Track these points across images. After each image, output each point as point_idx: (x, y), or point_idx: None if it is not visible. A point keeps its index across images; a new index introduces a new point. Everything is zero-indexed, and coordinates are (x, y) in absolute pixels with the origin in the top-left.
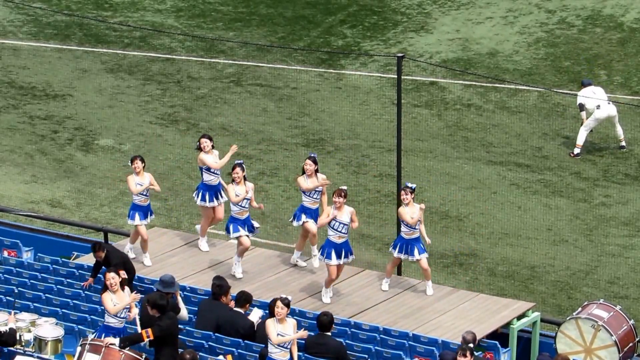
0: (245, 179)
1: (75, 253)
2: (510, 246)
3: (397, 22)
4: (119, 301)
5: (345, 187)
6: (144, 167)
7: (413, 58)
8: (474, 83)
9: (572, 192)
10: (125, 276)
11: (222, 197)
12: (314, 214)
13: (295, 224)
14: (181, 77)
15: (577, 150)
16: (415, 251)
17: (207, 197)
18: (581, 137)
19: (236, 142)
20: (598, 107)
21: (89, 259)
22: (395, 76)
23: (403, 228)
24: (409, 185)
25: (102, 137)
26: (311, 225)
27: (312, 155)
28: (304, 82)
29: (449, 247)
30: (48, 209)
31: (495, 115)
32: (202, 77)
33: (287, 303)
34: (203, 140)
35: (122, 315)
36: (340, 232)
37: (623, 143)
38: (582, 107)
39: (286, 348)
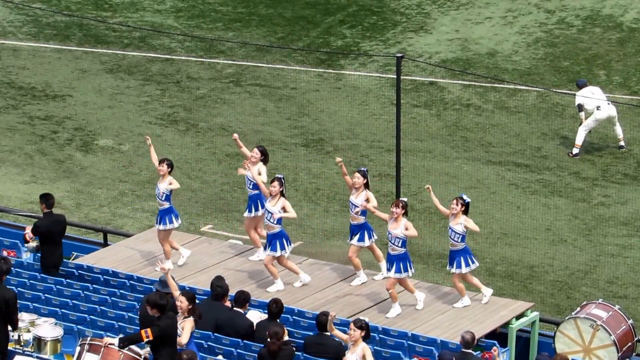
0: (282, 195)
1: (75, 253)
2: (509, 246)
3: (397, 22)
4: (182, 329)
5: (405, 199)
6: (169, 171)
7: (412, 58)
8: (473, 83)
9: (571, 192)
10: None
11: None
12: (356, 231)
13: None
14: (180, 78)
15: (576, 150)
16: (454, 264)
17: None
18: (580, 137)
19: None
20: (598, 108)
21: (88, 259)
22: (395, 76)
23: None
24: (463, 196)
25: (101, 137)
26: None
27: (361, 169)
28: (304, 82)
29: (447, 247)
30: None
31: (495, 115)
32: (202, 77)
33: (359, 325)
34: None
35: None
36: (392, 244)
37: (622, 143)
38: (580, 107)
39: None
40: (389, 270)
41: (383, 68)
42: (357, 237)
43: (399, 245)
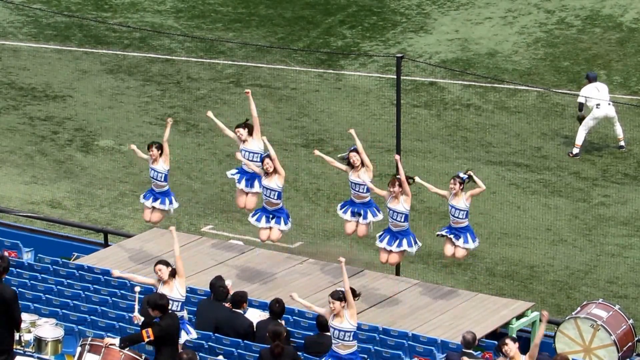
0: (276, 171)
1: (76, 254)
2: (510, 246)
3: (397, 22)
4: (169, 292)
5: (400, 176)
6: (160, 154)
7: (412, 58)
8: (473, 83)
9: (571, 192)
10: None
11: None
12: (361, 208)
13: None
14: (181, 78)
15: (576, 150)
16: (461, 239)
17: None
18: (580, 137)
19: (236, 143)
20: (598, 105)
21: (89, 260)
22: (395, 76)
23: (451, 216)
24: (460, 175)
25: (102, 138)
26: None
27: (353, 147)
28: (304, 82)
29: None
30: (48, 209)
31: (495, 115)
32: (202, 77)
33: (338, 297)
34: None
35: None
36: (395, 219)
37: (622, 143)
38: (581, 106)
39: (345, 340)
40: (390, 244)
41: (383, 68)
42: (364, 214)
43: (402, 220)
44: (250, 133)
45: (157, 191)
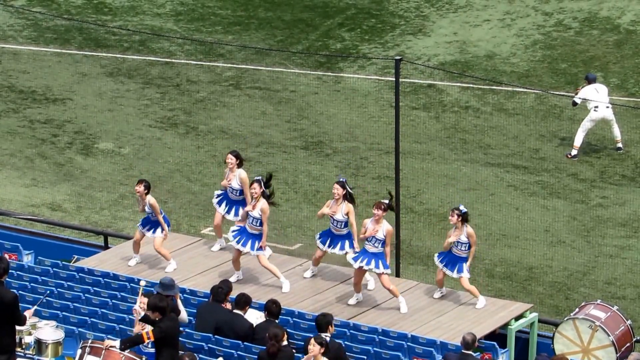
0: (263, 195)
1: (76, 256)
2: (508, 247)
3: (395, 25)
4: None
5: (386, 201)
6: (146, 193)
7: (411, 61)
8: (471, 85)
9: (569, 194)
10: None
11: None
12: (337, 240)
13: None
14: (180, 81)
15: (574, 152)
16: (455, 269)
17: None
18: (578, 139)
19: (235, 145)
20: (596, 108)
21: (89, 262)
22: (394, 79)
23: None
24: (460, 207)
25: (101, 140)
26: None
27: (340, 180)
28: (303, 85)
29: None
30: (48, 212)
31: (493, 117)
32: (201, 80)
33: (319, 342)
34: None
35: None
36: (373, 245)
37: (620, 145)
38: (574, 104)
39: None
40: (368, 264)
41: (382, 71)
42: (338, 247)
43: (380, 246)
44: (239, 165)
45: (152, 220)
